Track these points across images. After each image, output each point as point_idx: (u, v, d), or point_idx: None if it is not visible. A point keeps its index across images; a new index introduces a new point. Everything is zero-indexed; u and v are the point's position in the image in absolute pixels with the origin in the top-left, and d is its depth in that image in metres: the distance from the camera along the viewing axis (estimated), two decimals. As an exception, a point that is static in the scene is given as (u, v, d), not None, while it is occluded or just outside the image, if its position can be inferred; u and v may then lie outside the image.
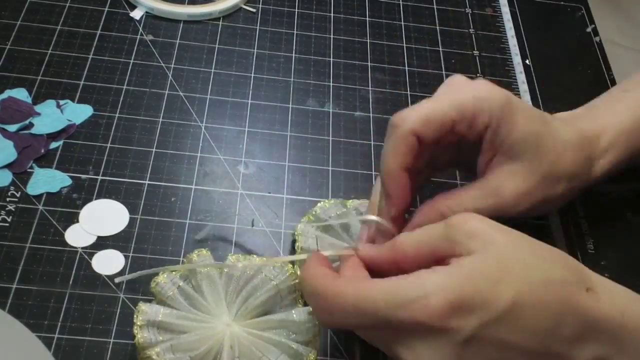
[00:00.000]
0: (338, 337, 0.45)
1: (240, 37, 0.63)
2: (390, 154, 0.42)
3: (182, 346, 0.40)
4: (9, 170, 0.50)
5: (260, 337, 0.41)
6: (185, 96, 0.57)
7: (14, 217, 0.48)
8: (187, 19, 0.63)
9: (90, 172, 0.51)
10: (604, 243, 0.53)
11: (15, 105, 0.53)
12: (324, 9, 0.67)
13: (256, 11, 0.65)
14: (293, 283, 0.43)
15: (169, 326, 0.41)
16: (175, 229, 0.49)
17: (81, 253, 0.47)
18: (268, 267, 0.43)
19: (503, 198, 0.44)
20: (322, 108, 0.59)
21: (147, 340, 0.40)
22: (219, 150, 0.54)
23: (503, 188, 0.44)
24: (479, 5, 0.70)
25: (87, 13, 0.62)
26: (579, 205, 0.55)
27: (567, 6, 0.71)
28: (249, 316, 0.42)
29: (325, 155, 0.55)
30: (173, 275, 0.43)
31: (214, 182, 0.52)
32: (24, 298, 0.44)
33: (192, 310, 0.42)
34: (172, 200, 0.51)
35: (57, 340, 0.43)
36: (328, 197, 0.52)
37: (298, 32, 0.64)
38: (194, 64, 0.60)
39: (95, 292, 0.45)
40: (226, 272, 0.43)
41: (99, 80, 0.57)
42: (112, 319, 0.44)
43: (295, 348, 0.41)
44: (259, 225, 0.50)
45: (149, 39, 0.61)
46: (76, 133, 0.53)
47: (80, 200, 0.49)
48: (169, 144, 0.54)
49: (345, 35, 0.65)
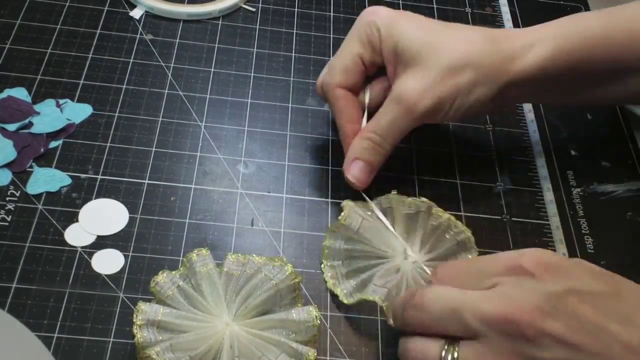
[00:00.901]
0: (338, 337, 0.45)
1: (240, 36, 0.63)
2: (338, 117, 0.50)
3: (182, 345, 0.39)
4: (9, 169, 0.50)
5: (259, 336, 0.41)
6: (185, 95, 0.57)
7: (13, 216, 0.48)
8: (186, 18, 0.63)
9: (90, 171, 0.51)
10: (603, 243, 0.53)
11: (14, 104, 0.53)
12: (323, 8, 0.67)
13: (256, 10, 0.65)
14: (292, 282, 0.43)
15: (168, 325, 0.41)
16: (174, 228, 0.49)
17: (81, 252, 0.47)
18: (267, 266, 0.43)
19: (407, 99, 0.46)
20: (321, 107, 0.59)
21: (146, 339, 0.40)
22: (219, 150, 0.54)
23: (405, 89, 0.46)
24: (479, 5, 0.70)
25: (87, 12, 0.62)
26: (579, 205, 0.55)
27: (567, 5, 0.71)
28: (249, 315, 0.42)
29: (325, 155, 0.55)
30: (172, 275, 0.43)
31: (213, 182, 0.52)
32: (23, 297, 0.44)
33: (192, 310, 0.42)
34: (172, 200, 0.51)
35: (56, 340, 0.43)
36: (328, 196, 0.53)
37: (298, 32, 0.64)
38: (194, 63, 0.60)
39: (94, 291, 0.45)
40: (226, 272, 0.43)
41: (98, 79, 0.57)
42: (111, 318, 0.44)
43: (295, 347, 0.41)
44: (258, 224, 0.50)
45: (148, 39, 0.61)
46: (76, 132, 0.53)
47: (80, 199, 0.49)
48: (169, 144, 0.54)
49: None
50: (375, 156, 0.48)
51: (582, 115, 0.62)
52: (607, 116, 0.62)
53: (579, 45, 0.48)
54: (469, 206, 0.54)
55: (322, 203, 0.52)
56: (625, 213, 0.55)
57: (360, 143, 0.48)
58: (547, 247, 0.52)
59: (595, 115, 0.62)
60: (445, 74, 0.46)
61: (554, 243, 0.52)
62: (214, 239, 0.49)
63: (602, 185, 0.56)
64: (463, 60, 0.46)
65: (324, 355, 0.44)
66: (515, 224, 0.53)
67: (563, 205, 0.55)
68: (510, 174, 0.56)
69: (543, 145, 0.59)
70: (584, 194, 0.56)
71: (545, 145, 0.59)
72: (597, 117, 0.62)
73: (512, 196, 0.55)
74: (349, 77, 0.49)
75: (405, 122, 0.47)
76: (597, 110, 0.62)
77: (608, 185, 0.55)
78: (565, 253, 0.51)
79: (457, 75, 0.46)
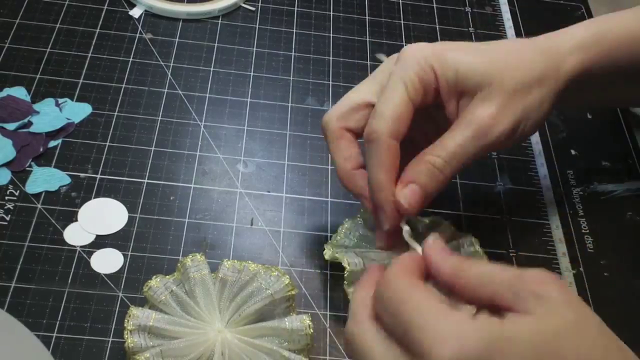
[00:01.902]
0: (337, 337, 0.45)
1: (239, 35, 0.63)
2: (379, 170, 0.42)
3: (173, 352, 0.39)
4: (8, 168, 0.50)
5: (252, 344, 0.41)
6: (185, 95, 0.57)
7: (12, 215, 0.48)
8: (186, 18, 0.63)
9: (89, 170, 0.51)
10: (603, 242, 0.53)
11: (14, 103, 0.53)
12: (323, 7, 0.67)
13: (255, 10, 0.65)
14: (288, 294, 0.43)
15: (160, 331, 0.40)
16: (174, 227, 0.49)
17: (80, 252, 0.47)
18: (263, 276, 0.43)
19: (481, 124, 0.43)
20: (321, 107, 0.59)
21: (137, 345, 0.39)
22: (218, 149, 0.54)
23: (477, 116, 0.43)
24: (479, 4, 0.70)
25: (86, 11, 0.62)
26: (579, 204, 0.55)
27: (567, 5, 0.71)
28: (242, 323, 0.42)
29: (325, 154, 0.55)
30: (166, 280, 0.43)
31: (213, 181, 0.52)
32: (22, 297, 0.44)
33: (185, 316, 0.41)
34: (171, 199, 0.51)
35: (55, 339, 0.43)
36: (327, 195, 0.52)
37: (297, 31, 0.64)
38: (193, 62, 0.60)
39: (94, 291, 0.45)
40: (220, 278, 0.43)
41: (97, 78, 0.57)
42: (110, 317, 0.44)
43: (287, 356, 0.40)
44: (258, 224, 0.50)
45: (148, 38, 0.61)
46: (75, 132, 0.53)
47: (79, 198, 0.49)
48: (168, 143, 0.54)
49: (345, 33, 0.65)
50: (433, 182, 0.42)
51: (582, 115, 0.62)
52: (607, 116, 0.62)
53: (618, 44, 0.47)
54: (469, 206, 0.54)
55: (322, 202, 0.52)
56: (625, 212, 0.55)
57: (417, 165, 0.43)
58: (547, 246, 0.52)
59: (595, 115, 0.62)
60: (514, 95, 0.44)
61: (554, 243, 0.52)
62: (213, 239, 0.49)
63: (602, 184, 0.56)
64: (527, 78, 0.44)
65: (323, 355, 0.44)
66: (515, 224, 0.53)
67: (563, 204, 0.55)
68: (510, 173, 0.56)
69: (543, 145, 0.59)
70: (583, 193, 0.56)
71: (545, 145, 0.59)
72: (597, 117, 0.62)
73: (512, 196, 0.55)
74: (402, 125, 0.42)
75: (476, 147, 0.42)
76: (597, 110, 0.62)
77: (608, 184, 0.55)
78: (565, 252, 0.51)
79: (526, 94, 0.44)
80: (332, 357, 0.44)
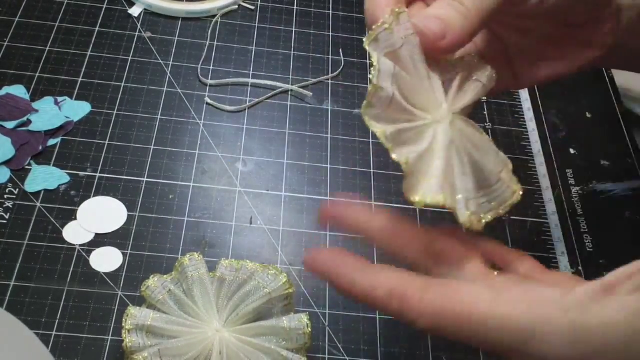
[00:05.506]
0: (337, 336, 0.45)
1: (238, 34, 0.63)
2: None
3: (170, 351, 0.39)
4: (7, 167, 0.50)
5: (250, 343, 0.41)
6: (184, 93, 0.57)
7: (11, 214, 0.48)
8: (185, 16, 0.63)
9: (89, 169, 0.51)
10: (602, 242, 0.53)
11: (13, 102, 0.53)
12: (322, 6, 0.67)
13: (255, 8, 0.65)
14: (286, 292, 0.43)
15: (158, 331, 0.40)
16: (173, 226, 0.49)
17: (79, 250, 0.47)
18: (261, 274, 0.43)
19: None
20: (320, 105, 0.59)
21: (135, 344, 0.39)
22: (217, 148, 0.54)
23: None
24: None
25: (85, 10, 0.62)
26: (578, 203, 0.55)
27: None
28: (240, 322, 0.41)
29: (324, 153, 0.55)
30: (164, 279, 0.43)
31: (212, 180, 0.52)
32: (21, 295, 0.44)
33: (183, 315, 0.41)
34: (170, 198, 0.51)
35: (54, 338, 0.43)
36: (327, 194, 0.52)
37: (297, 30, 0.64)
38: (192, 61, 0.60)
39: (93, 289, 0.45)
40: (218, 277, 0.43)
41: (97, 77, 0.57)
42: (110, 316, 0.44)
43: (285, 355, 0.40)
44: (257, 222, 0.50)
45: (147, 36, 0.61)
46: (74, 130, 0.53)
47: (78, 197, 0.49)
48: (167, 142, 0.54)
49: (344, 32, 0.65)
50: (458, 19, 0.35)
51: (582, 114, 0.62)
52: (607, 115, 0.62)
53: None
54: (468, 205, 0.54)
55: (321, 201, 0.52)
56: (624, 212, 0.55)
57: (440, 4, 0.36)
58: (546, 245, 0.52)
59: (594, 114, 0.62)
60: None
61: (553, 242, 0.52)
62: (212, 237, 0.49)
63: (601, 184, 0.57)
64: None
65: (322, 353, 0.44)
66: (515, 223, 0.53)
67: (562, 203, 0.55)
68: (509, 172, 0.56)
69: (542, 144, 0.59)
70: (583, 192, 0.56)
71: (545, 144, 0.59)
72: (597, 116, 0.62)
73: (511, 195, 0.55)
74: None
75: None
76: (596, 110, 0.62)
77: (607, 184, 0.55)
78: (564, 252, 0.52)
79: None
80: (331, 356, 0.44)
